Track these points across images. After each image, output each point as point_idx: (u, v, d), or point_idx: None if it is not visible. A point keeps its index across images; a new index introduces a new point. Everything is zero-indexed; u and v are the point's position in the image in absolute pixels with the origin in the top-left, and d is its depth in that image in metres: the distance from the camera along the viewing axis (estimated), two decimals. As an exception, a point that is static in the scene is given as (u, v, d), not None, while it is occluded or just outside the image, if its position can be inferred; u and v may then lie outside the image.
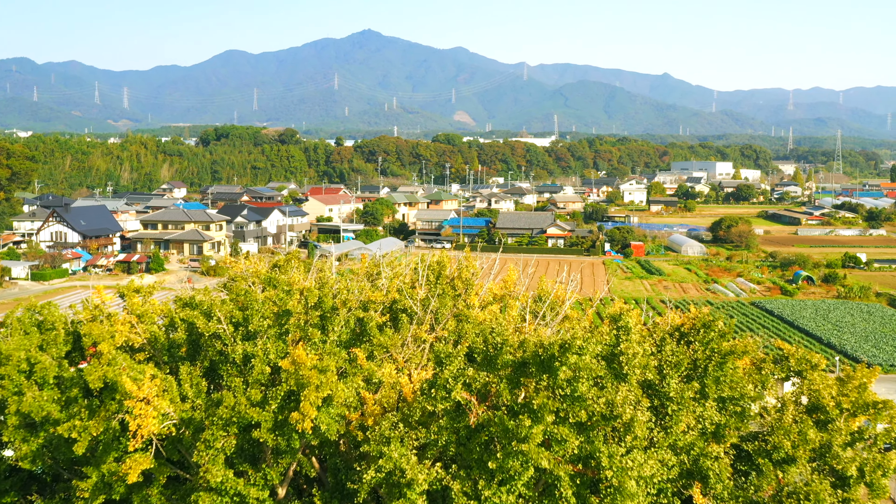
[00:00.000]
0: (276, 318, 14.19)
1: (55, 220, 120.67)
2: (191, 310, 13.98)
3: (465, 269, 18.20)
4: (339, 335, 14.37)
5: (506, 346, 12.14)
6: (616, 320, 12.77)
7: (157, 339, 14.53)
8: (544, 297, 19.05)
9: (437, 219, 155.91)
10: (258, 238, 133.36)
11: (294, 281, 17.61)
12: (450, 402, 11.70)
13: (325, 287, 14.93)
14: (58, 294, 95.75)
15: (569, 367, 11.28)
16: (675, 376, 12.71)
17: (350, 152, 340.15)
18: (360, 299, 15.39)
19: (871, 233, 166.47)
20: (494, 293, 20.38)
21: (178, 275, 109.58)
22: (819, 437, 15.54)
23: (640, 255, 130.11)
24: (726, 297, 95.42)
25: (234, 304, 14.25)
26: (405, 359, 15.98)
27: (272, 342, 13.87)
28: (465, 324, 17.20)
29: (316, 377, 11.94)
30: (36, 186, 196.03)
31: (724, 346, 13.16)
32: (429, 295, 16.92)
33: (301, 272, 18.58)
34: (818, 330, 74.17)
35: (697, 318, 13.65)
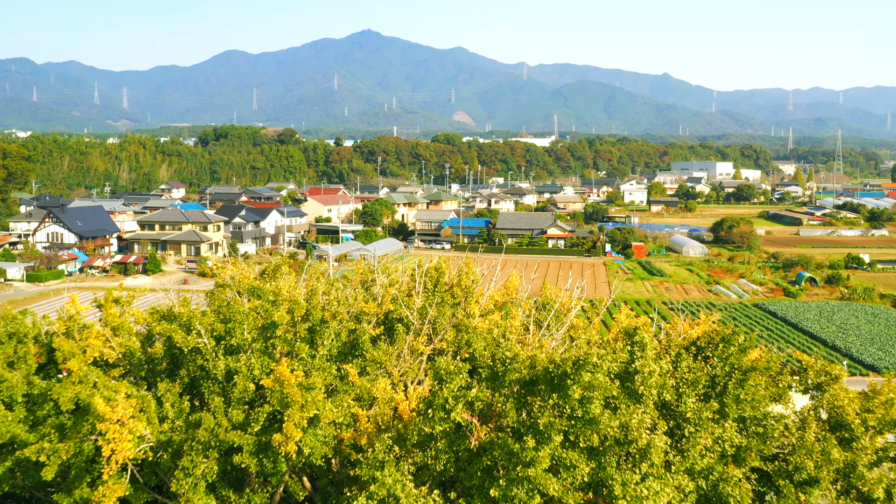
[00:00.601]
0: (261, 330, 13.21)
1: (51, 220, 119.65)
2: (168, 323, 13.00)
3: (465, 275, 17.20)
4: (328, 349, 13.38)
5: (515, 362, 11.15)
6: (630, 335, 11.80)
7: (133, 354, 13.52)
8: (548, 304, 18.06)
9: (436, 219, 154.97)
10: (256, 239, 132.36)
11: (282, 290, 16.63)
12: (449, 424, 10.71)
13: (313, 298, 13.92)
14: (53, 296, 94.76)
15: (582, 385, 10.30)
16: (692, 395, 11.73)
17: (349, 152, 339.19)
18: (352, 311, 14.42)
19: (874, 233, 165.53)
20: (496, 300, 19.38)
21: (175, 276, 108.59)
22: (843, 456, 14.54)
23: (642, 256, 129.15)
24: (729, 298, 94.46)
25: (216, 316, 13.27)
26: (401, 372, 14.99)
27: (256, 357, 12.89)
28: (465, 334, 16.21)
29: (301, 396, 10.96)
30: (33, 187, 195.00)
31: (745, 361, 12.17)
32: (426, 304, 15.93)
33: (292, 279, 17.59)
34: (823, 332, 73.23)
35: (716, 332, 12.67)
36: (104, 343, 13.34)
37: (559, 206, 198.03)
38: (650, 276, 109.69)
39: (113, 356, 13.50)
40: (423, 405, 10.82)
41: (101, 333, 13.37)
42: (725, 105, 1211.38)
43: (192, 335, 12.83)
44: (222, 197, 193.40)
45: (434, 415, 10.53)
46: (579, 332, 18.13)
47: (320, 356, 13.11)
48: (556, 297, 18.04)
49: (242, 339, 13.03)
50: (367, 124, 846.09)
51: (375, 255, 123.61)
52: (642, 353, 11.52)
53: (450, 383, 10.82)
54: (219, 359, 12.84)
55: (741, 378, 11.77)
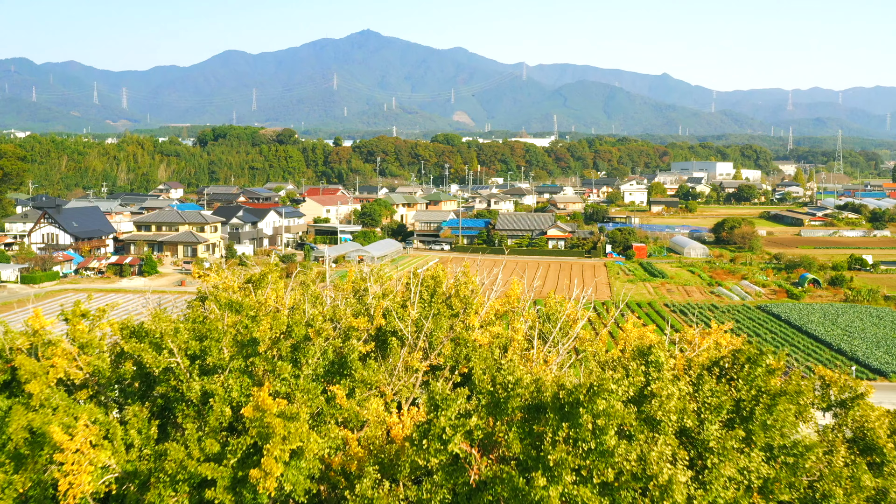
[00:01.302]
0: (240, 348, 12.08)
1: (46, 221, 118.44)
2: (138, 341, 11.86)
3: (464, 284, 16.05)
4: (314, 368, 12.24)
5: (518, 386, 10.00)
6: (645, 354, 10.67)
7: (102, 374, 12.37)
8: (553, 315, 16.92)
9: (435, 220, 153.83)
10: (254, 240, 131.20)
11: (268, 301, 15.48)
12: (446, 455, 9.57)
13: (295, 313, 12.77)
14: (48, 297, 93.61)
15: (596, 414, 9.17)
16: (715, 421, 10.58)
17: (348, 152, 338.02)
18: (341, 326, 13.27)
19: (876, 234, 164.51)
20: (497, 310, 18.22)
21: (171, 277, 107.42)
22: (874, 483, 13.38)
23: (642, 257, 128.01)
24: (731, 300, 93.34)
25: (191, 332, 12.13)
26: (394, 391, 13.85)
27: (235, 378, 11.74)
28: (464, 348, 15.07)
29: (282, 427, 9.82)
30: (30, 187, 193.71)
31: (773, 384, 11.01)
32: (422, 316, 14.78)
33: (279, 288, 16.44)
34: (827, 335, 72.08)
35: (740, 351, 11.51)
36: (70, 362, 12.19)
37: (559, 207, 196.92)
38: (651, 278, 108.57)
39: (80, 376, 12.35)
40: (418, 435, 9.68)
41: (67, 351, 12.23)
42: (725, 105, 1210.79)
43: (164, 354, 11.70)
44: (220, 197, 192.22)
45: (430, 446, 9.41)
46: (586, 344, 17.01)
47: (305, 376, 11.96)
48: (562, 307, 16.89)
49: (219, 359, 11.89)
50: (366, 124, 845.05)
51: (374, 256, 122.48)
52: (659, 374, 10.40)
53: (446, 410, 9.69)
54: (193, 380, 11.70)
55: (769, 403, 10.64)
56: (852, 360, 64.55)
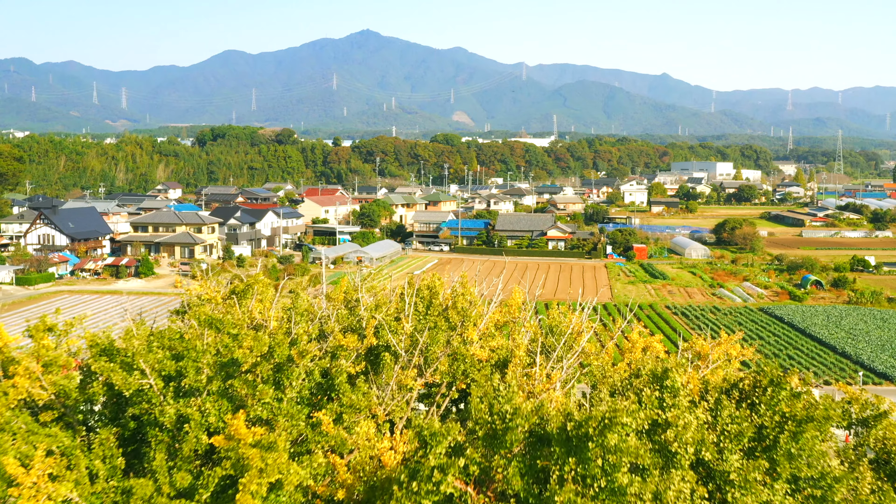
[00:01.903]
0: (219, 368, 11.14)
1: (42, 222, 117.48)
2: (107, 360, 10.91)
3: (461, 296, 15.10)
4: (299, 391, 11.30)
5: (518, 416, 9.05)
6: (660, 379, 9.73)
7: (68, 395, 11.42)
8: (555, 327, 15.98)
9: (435, 220, 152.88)
10: (252, 241, 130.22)
11: (252, 314, 14.54)
12: (439, 496, 8.63)
13: (278, 332, 11.81)
14: (42, 299, 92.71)
15: (607, 450, 8.23)
16: (735, 450, 9.64)
17: (348, 153, 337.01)
18: (327, 346, 12.32)
19: (877, 234, 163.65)
20: (497, 320, 17.28)
21: (168, 279, 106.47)
22: (902, 510, 12.43)
23: (643, 258, 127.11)
24: (733, 302, 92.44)
25: (166, 351, 11.18)
26: (387, 411, 12.91)
27: (212, 401, 10.80)
28: (461, 364, 14.15)
29: (259, 458, 8.89)
30: (27, 187, 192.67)
31: (799, 408, 10.06)
32: (416, 330, 13.85)
33: (267, 299, 15.50)
34: (831, 338, 71.17)
35: (762, 374, 10.56)
36: (34, 381, 11.24)
37: (559, 207, 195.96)
38: (652, 279, 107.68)
39: (44, 397, 11.40)
40: (406, 476, 8.72)
41: (30, 370, 11.28)
42: (724, 105, 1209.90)
43: (135, 375, 10.75)
44: (218, 198, 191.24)
45: (420, 488, 8.47)
46: (591, 358, 16.07)
47: (288, 400, 11.02)
48: (566, 319, 15.95)
49: (196, 380, 10.94)
50: (365, 124, 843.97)
51: (373, 257, 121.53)
52: (674, 401, 9.48)
53: (436, 447, 8.76)
54: (167, 403, 10.75)
55: (795, 430, 9.69)
56: (857, 364, 63.65)
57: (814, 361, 64.27)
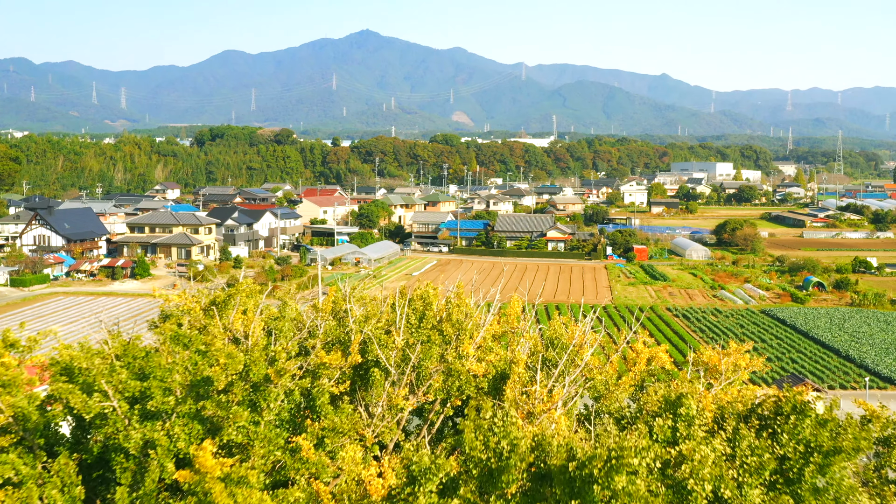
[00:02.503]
0: (189, 389, 10.22)
1: (38, 222, 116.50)
2: (67, 381, 10.00)
3: (457, 307, 14.17)
4: (277, 413, 10.38)
5: (515, 453, 8.13)
6: (674, 405, 8.81)
7: (28, 417, 10.49)
8: (557, 340, 15.07)
9: (434, 221, 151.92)
10: (249, 241, 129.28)
11: (233, 326, 13.61)
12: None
13: (254, 349, 10.86)
14: (37, 301, 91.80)
15: (615, 494, 7.32)
16: (756, 485, 8.73)
17: (347, 153, 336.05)
18: (308, 363, 11.39)
19: (879, 235, 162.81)
20: (495, 330, 16.36)
21: (164, 280, 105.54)
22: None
23: (643, 260, 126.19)
24: (734, 304, 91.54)
25: (130, 370, 10.26)
26: (376, 434, 11.99)
27: (182, 424, 9.88)
28: (456, 380, 13.24)
29: (227, 496, 7.98)
30: (24, 187, 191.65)
31: (825, 437, 9.14)
32: (407, 346, 12.92)
33: (251, 310, 14.56)
34: (835, 341, 70.24)
35: (785, 399, 9.62)
36: (-10, 403, 10.31)
37: (558, 208, 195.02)
38: (653, 281, 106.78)
39: (1, 420, 10.48)
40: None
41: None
42: (724, 105, 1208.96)
43: (96, 398, 9.83)
44: (216, 198, 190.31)
45: (407, 531, 7.59)
46: (594, 372, 15.14)
47: (266, 423, 10.10)
48: (568, 331, 15.03)
49: (163, 402, 10.02)
50: (365, 124, 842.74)
51: (371, 258, 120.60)
52: (689, 431, 8.58)
53: (426, 485, 7.86)
54: (132, 427, 9.84)
55: (821, 462, 8.79)
56: (861, 368, 62.76)
57: (817, 365, 63.36)
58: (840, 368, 62.71)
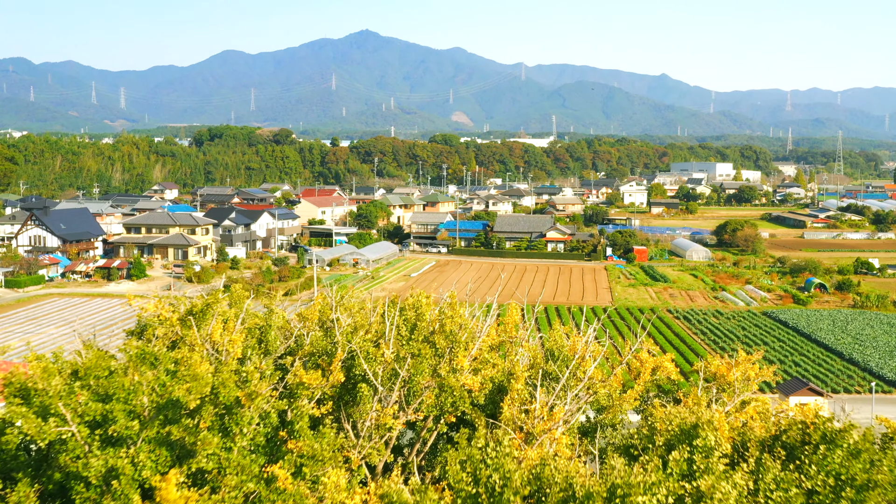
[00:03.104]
0: (156, 412, 9.34)
1: (33, 223, 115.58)
2: (21, 403, 9.12)
3: (450, 318, 13.28)
4: (251, 437, 9.49)
5: (508, 488, 7.25)
6: (690, 436, 7.94)
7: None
8: (557, 352, 14.18)
9: (432, 222, 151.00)
10: (247, 242, 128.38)
11: (212, 338, 12.72)
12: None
13: (223, 369, 9.94)
14: (31, 302, 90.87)
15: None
16: (780, 522, 7.84)
17: (346, 153, 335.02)
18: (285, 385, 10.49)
19: (880, 236, 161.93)
20: (492, 340, 15.48)
21: (160, 281, 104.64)
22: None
23: (644, 261, 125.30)
24: (736, 306, 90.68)
25: (91, 391, 9.38)
26: (362, 455, 11.10)
27: (148, 451, 9.00)
28: (449, 396, 12.37)
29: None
30: (21, 188, 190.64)
31: (858, 469, 8.24)
32: (397, 359, 12.03)
33: (232, 319, 13.67)
34: (838, 344, 69.37)
35: (813, 426, 8.71)
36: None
37: (558, 208, 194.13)
38: (653, 282, 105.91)
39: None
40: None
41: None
42: (724, 105, 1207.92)
43: (52, 422, 8.96)
44: (214, 198, 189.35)
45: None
46: (598, 385, 14.26)
47: (239, 449, 9.22)
48: (571, 342, 14.15)
49: (127, 426, 9.14)
50: (364, 125, 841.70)
51: (369, 259, 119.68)
52: (707, 463, 7.71)
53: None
54: (93, 454, 8.96)
55: (854, 498, 7.89)
56: (865, 371, 61.88)
57: (821, 369, 62.49)
58: (844, 372, 61.84)
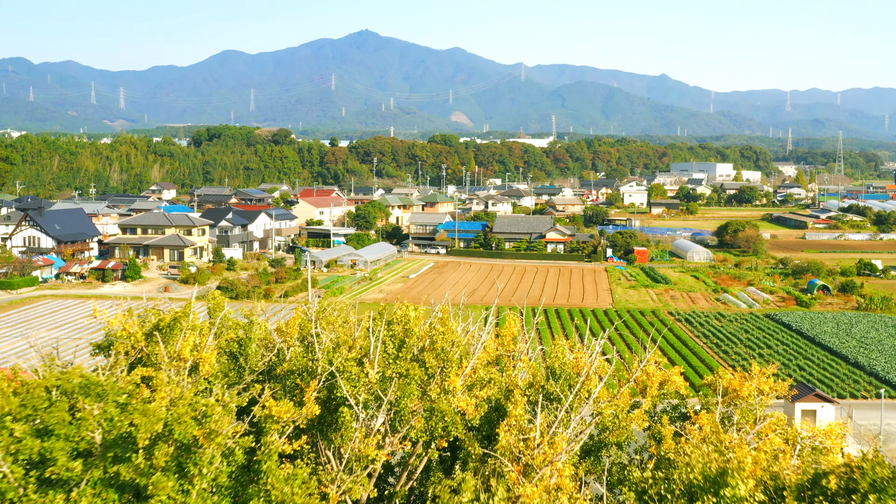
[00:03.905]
0: (103, 449, 8.20)
1: (28, 223, 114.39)
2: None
3: (441, 335, 12.11)
4: (213, 478, 8.34)
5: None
6: (717, 485, 6.81)
7: None
8: (560, 370, 13.03)
9: (431, 222, 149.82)
10: (244, 243, 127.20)
11: (181, 354, 11.56)
12: None
13: (179, 402, 8.75)
14: (24, 304, 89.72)
15: None
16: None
17: (345, 153, 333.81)
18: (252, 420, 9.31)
19: (882, 237, 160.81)
20: (488, 354, 14.34)
21: (155, 283, 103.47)
22: None
23: (644, 262, 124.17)
24: (738, 308, 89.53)
25: (29, 425, 8.23)
26: (342, 490, 9.94)
27: (93, 494, 7.85)
28: (440, 421, 11.23)
29: None
30: (17, 188, 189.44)
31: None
32: (383, 383, 10.87)
33: (203, 336, 12.50)
34: (842, 347, 68.20)
35: (860, 470, 7.53)
36: None
37: (558, 209, 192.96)
38: (654, 284, 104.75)
39: None
40: None
41: None
42: (723, 106, 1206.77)
43: (-21, 462, 7.81)
44: (212, 198, 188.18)
45: None
46: (603, 406, 13.12)
47: (199, 492, 8.06)
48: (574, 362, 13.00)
49: (67, 468, 7.99)
50: (364, 125, 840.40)
51: (367, 260, 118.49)
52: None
53: None
54: (28, 498, 7.81)
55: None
56: (871, 376, 60.72)
57: (825, 373, 61.34)
58: (849, 376, 60.68)
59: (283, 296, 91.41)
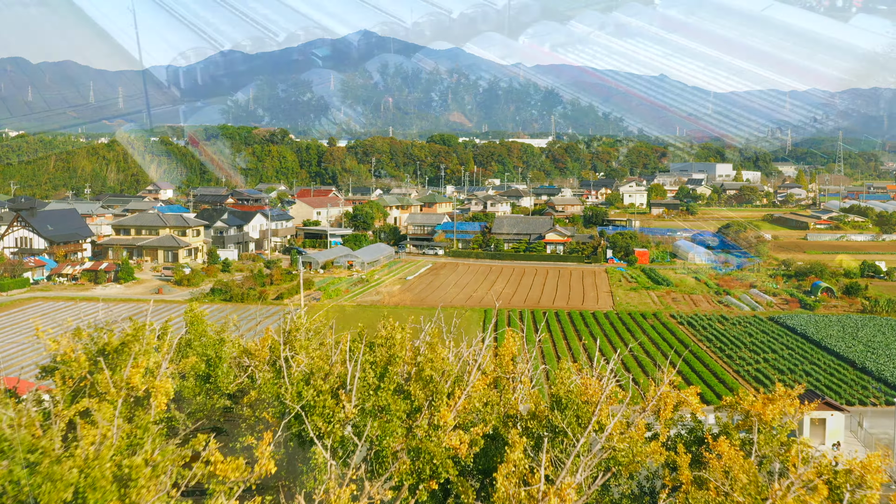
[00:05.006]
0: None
1: (20, 224, 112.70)
2: None
3: (429, 362, 10.51)
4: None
5: None
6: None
7: None
8: (566, 399, 11.43)
9: (429, 223, 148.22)
10: (239, 244, 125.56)
11: (131, 382, 9.98)
12: None
13: (94, 463, 7.18)
14: (14, 307, 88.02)
15: None
16: None
17: (343, 153, 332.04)
18: (194, 473, 7.74)
19: (884, 238, 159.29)
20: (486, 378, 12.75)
21: (149, 284, 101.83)
22: None
23: (645, 263, 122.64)
24: (741, 310, 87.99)
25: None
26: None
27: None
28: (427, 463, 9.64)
29: None
30: (12, 188, 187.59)
31: None
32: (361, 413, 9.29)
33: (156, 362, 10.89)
34: (849, 352, 66.65)
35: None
36: None
37: (557, 209, 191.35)
38: (655, 286, 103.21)
39: None
40: None
41: None
42: (723, 106, 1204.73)
43: None
44: (208, 198, 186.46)
45: None
46: (616, 440, 11.53)
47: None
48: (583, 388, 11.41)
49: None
50: (362, 125, 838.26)
51: (364, 261, 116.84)
52: None
53: None
54: None
55: None
56: (879, 381, 59.15)
57: (832, 378, 59.78)
58: (857, 382, 59.14)
59: (279, 298, 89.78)
